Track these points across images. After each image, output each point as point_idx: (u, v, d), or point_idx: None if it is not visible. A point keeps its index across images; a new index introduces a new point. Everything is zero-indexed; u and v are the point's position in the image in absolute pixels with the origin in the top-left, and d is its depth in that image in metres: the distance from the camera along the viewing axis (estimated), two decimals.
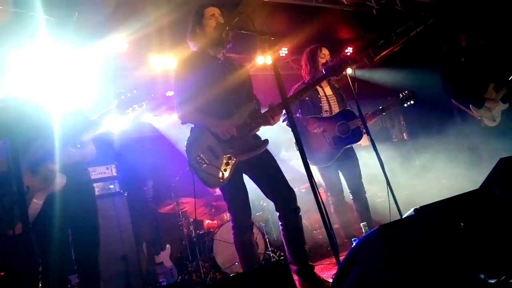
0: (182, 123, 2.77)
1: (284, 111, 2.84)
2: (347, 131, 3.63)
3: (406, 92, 3.72)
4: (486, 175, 1.80)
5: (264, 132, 2.83)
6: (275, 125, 2.79)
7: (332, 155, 3.61)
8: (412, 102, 3.69)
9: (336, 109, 3.80)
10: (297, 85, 3.80)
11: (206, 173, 2.56)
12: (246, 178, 2.78)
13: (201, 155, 2.60)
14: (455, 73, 4.08)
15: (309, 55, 3.88)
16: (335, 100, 3.83)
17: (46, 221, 2.54)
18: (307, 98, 3.74)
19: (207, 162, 2.58)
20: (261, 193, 2.80)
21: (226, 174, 2.57)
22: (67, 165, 2.62)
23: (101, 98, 4.41)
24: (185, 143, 2.67)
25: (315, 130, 3.61)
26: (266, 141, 2.71)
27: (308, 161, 3.49)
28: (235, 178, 2.64)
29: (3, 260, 2.76)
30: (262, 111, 2.78)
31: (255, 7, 4.79)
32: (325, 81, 3.90)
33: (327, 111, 3.78)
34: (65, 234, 2.63)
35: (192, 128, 2.76)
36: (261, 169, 2.72)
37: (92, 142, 2.84)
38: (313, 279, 2.56)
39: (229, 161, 2.59)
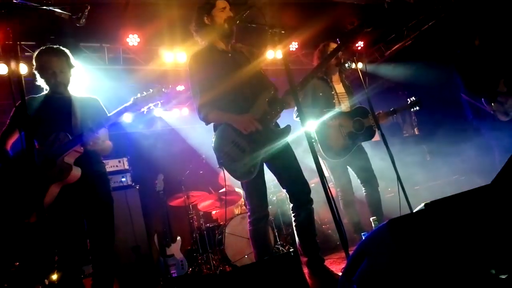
0: (206, 124, 2.81)
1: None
2: (361, 128, 3.66)
3: (413, 98, 3.90)
4: (498, 170, 1.79)
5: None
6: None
7: (346, 150, 3.63)
8: (417, 108, 3.88)
9: (346, 107, 3.80)
10: None
11: (235, 168, 2.60)
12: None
13: (228, 152, 2.63)
14: (467, 67, 4.04)
15: (319, 55, 3.89)
16: (346, 98, 3.84)
17: (61, 211, 2.60)
18: (321, 94, 3.74)
19: (235, 158, 2.61)
20: (271, 187, 2.81)
21: (256, 166, 2.60)
22: (84, 158, 2.67)
23: (113, 92, 4.46)
24: (212, 143, 2.70)
25: (331, 122, 3.62)
26: (289, 127, 2.70)
27: (323, 154, 3.56)
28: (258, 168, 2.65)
29: (19, 249, 2.82)
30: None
31: (265, 1, 4.77)
32: (337, 78, 3.90)
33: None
34: (80, 224, 2.68)
35: (214, 125, 2.79)
36: (280, 158, 2.74)
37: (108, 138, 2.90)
38: (322, 271, 2.59)
39: (256, 153, 2.61)
